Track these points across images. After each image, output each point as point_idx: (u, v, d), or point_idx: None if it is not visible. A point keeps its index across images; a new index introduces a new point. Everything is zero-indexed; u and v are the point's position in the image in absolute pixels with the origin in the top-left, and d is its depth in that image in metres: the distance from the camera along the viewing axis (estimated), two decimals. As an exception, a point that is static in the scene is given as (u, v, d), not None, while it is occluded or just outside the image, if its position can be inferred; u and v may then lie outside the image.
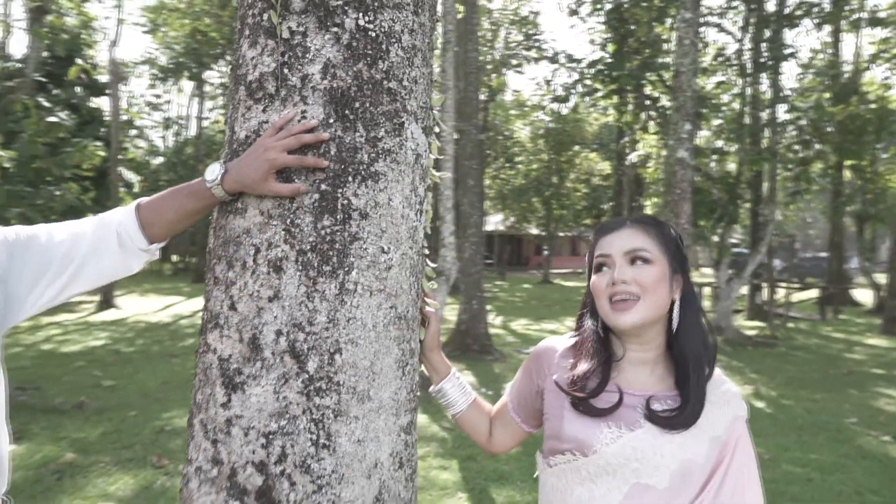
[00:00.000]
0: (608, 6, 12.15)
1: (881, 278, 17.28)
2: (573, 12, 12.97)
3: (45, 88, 7.83)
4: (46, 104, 5.86)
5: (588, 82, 11.80)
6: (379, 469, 1.19)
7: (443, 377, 1.44)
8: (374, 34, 1.19)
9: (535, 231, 30.59)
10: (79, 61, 7.25)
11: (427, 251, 1.37)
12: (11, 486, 1.25)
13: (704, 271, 29.75)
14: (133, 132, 18.18)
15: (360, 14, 1.18)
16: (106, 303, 13.24)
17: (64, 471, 4.05)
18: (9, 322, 1.19)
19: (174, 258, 27.09)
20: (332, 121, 1.16)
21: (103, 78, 16.13)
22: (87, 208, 12.31)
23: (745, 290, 15.02)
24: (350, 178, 1.16)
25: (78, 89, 14.20)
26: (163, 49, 24.93)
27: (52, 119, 5.56)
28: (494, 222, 33.20)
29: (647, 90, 12.26)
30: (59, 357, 8.14)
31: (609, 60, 11.12)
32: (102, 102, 16.25)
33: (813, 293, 17.80)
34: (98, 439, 4.76)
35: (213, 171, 1.17)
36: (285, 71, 1.18)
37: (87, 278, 1.23)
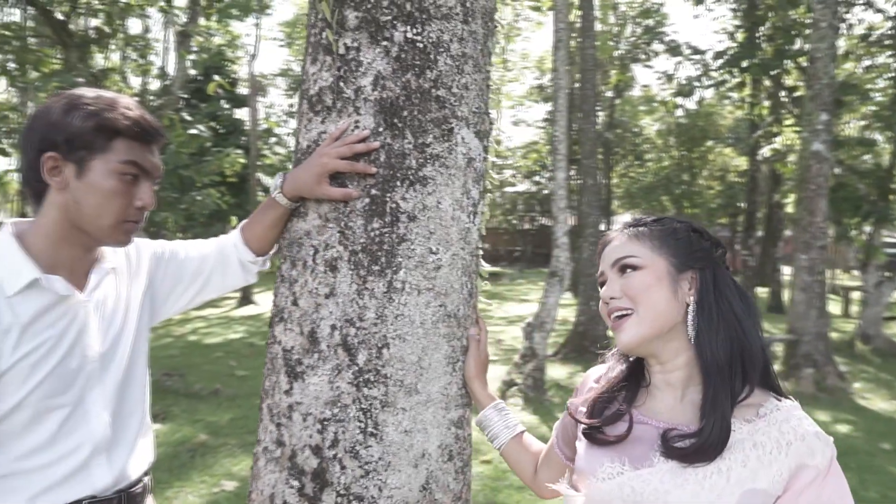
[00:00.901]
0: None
1: None
2: (698, 1, 12.32)
3: (190, 103, 8.68)
4: (188, 118, 6.49)
5: (715, 74, 11.17)
6: (426, 459, 1.24)
7: (484, 407, 1.33)
8: (421, 45, 1.25)
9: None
10: (216, 77, 7.95)
11: (481, 251, 1.41)
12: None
13: (854, 273, 27.19)
14: (272, 140, 19.52)
15: (409, 27, 1.25)
16: (245, 299, 14.30)
17: (196, 450, 4.48)
18: (153, 321, 1.44)
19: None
20: (381, 129, 1.24)
21: (245, 91, 17.47)
22: (229, 212, 13.40)
23: (901, 294, 13.55)
24: (398, 183, 1.23)
25: (222, 102, 15.48)
26: (298, 61, 26.56)
27: (193, 131, 6.13)
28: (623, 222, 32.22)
29: (784, 79, 11.42)
30: (202, 348, 8.94)
31: (737, 50, 10.46)
32: (244, 113, 17.60)
33: None
34: (228, 423, 5.20)
35: (275, 181, 1.30)
36: (341, 84, 1.26)
37: (213, 288, 1.48)
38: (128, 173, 1.18)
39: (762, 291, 15.96)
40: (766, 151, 11.42)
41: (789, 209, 14.19)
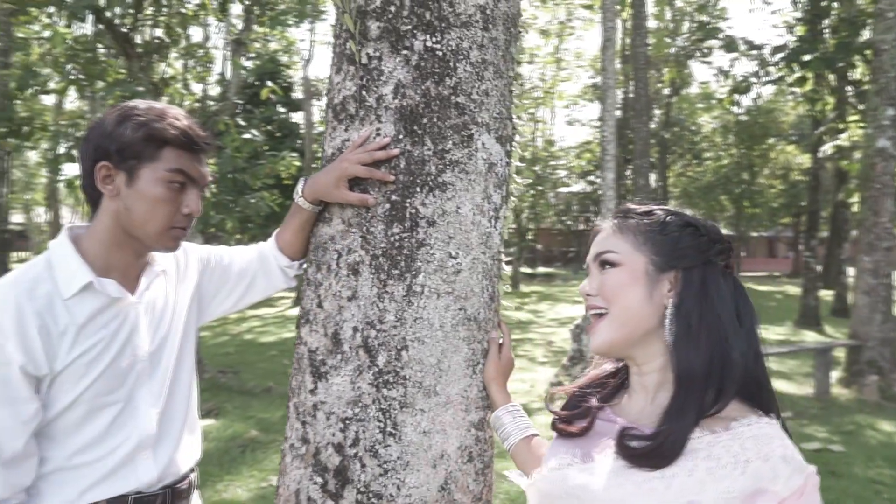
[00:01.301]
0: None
1: None
2: (757, -6, 11.89)
3: (246, 108, 8.94)
4: (242, 123, 6.72)
5: (773, 70, 10.77)
6: (445, 460, 1.27)
7: (497, 408, 1.32)
8: (441, 53, 1.27)
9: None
10: (269, 83, 8.16)
11: (504, 256, 1.42)
12: (204, 454, 1.52)
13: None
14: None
15: (428, 36, 1.27)
16: (300, 299, 14.62)
17: (247, 446, 4.63)
18: (200, 321, 1.50)
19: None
20: (401, 136, 1.27)
21: (300, 95, 17.89)
22: (284, 214, 13.72)
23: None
24: (418, 189, 1.26)
25: (278, 106, 15.90)
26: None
27: (247, 136, 6.33)
28: (678, 222, 31.50)
29: (849, 73, 10.91)
30: (257, 346, 9.20)
31: (798, 44, 10.05)
32: (299, 117, 18.03)
33: None
34: (279, 420, 5.34)
35: (298, 186, 1.35)
36: (363, 93, 1.30)
37: (257, 291, 1.55)
38: (175, 181, 1.22)
39: (826, 294, 15.35)
40: (828, 149, 10.98)
41: (855, 209, 13.61)
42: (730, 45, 10.91)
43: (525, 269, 26.12)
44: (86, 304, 1.19)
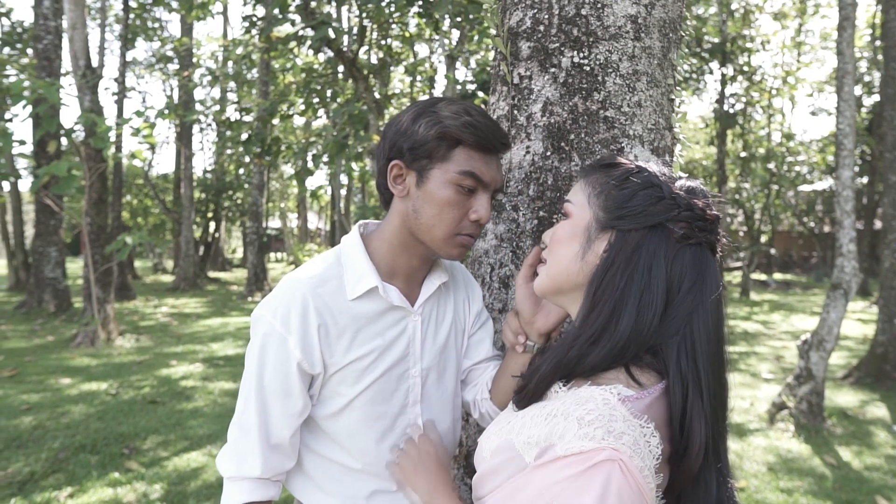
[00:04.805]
0: None
1: None
2: None
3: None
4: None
5: None
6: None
7: None
8: (588, 68, 1.28)
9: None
10: (480, 94, 8.48)
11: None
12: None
13: None
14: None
15: (575, 52, 1.28)
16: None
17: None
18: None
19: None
20: (549, 153, 1.29)
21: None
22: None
23: None
24: (565, 204, 1.27)
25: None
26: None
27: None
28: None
29: None
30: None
31: None
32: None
33: None
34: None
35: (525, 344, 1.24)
36: (515, 112, 1.35)
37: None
38: (465, 184, 1.11)
39: None
40: None
41: None
42: None
43: (757, 276, 23.90)
44: (367, 308, 1.16)
